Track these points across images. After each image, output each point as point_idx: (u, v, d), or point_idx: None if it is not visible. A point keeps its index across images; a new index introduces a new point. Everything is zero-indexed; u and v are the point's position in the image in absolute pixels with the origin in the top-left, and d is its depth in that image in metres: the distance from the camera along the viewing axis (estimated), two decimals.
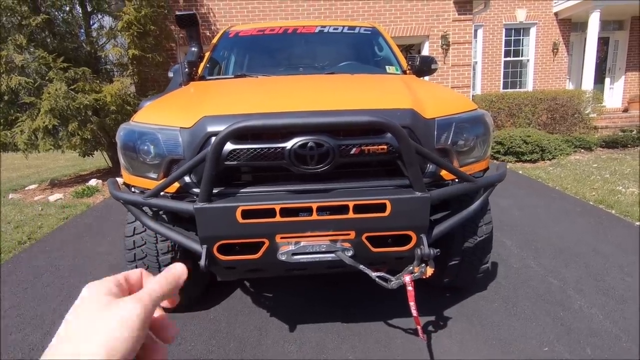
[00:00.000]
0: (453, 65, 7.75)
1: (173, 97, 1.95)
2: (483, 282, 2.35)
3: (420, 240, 1.45)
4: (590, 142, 7.11)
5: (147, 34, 5.93)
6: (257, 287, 2.42)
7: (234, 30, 3.03)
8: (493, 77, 10.25)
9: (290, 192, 1.43)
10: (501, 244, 2.96)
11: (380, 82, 2.10)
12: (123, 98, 5.56)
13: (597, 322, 1.97)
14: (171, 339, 0.38)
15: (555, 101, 7.69)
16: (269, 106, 1.54)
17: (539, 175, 5.34)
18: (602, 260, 2.63)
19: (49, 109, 4.89)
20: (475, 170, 1.66)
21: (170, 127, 1.49)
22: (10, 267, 2.90)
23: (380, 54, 2.89)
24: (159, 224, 1.54)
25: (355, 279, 2.33)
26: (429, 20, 7.53)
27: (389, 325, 1.98)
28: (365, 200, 1.37)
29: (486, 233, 1.94)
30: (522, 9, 9.92)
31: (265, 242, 1.41)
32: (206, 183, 1.32)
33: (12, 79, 4.95)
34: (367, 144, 1.39)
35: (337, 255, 1.42)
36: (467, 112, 1.62)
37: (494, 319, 2.02)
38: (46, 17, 5.25)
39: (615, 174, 5.16)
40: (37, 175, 7.49)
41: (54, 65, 5.08)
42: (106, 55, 6.22)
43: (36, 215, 4.28)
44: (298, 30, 2.92)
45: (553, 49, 10.14)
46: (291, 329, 1.98)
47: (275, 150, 1.37)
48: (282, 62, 2.87)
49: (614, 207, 3.77)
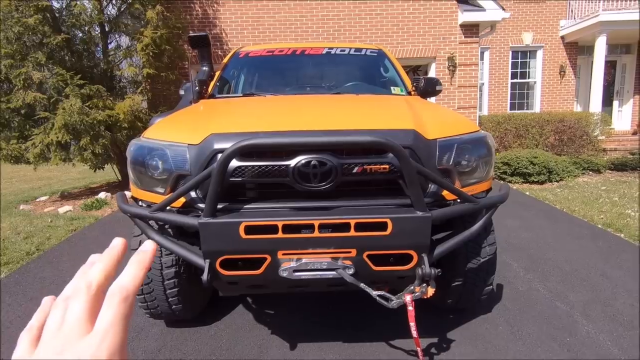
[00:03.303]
0: (460, 86, 7.83)
1: (182, 115, 2.02)
2: (488, 304, 2.31)
3: (421, 260, 1.45)
4: (599, 164, 7.05)
5: (162, 54, 6.13)
6: (259, 304, 2.41)
7: (244, 50, 3.13)
8: (500, 98, 10.31)
9: (293, 209, 1.46)
10: (507, 265, 2.92)
11: (384, 103, 2.15)
12: (135, 114, 5.71)
13: (605, 349, 1.92)
14: None
15: (563, 123, 7.69)
16: (274, 125, 1.59)
17: (546, 196, 5.29)
18: (610, 285, 2.58)
19: (62, 124, 5.04)
20: (477, 191, 1.67)
21: (179, 143, 1.53)
22: (18, 277, 2.94)
23: (386, 75, 2.96)
24: (164, 238, 1.57)
25: (356, 298, 2.31)
26: (436, 42, 7.67)
27: (391, 346, 1.96)
28: (366, 219, 1.39)
29: (490, 254, 1.92)
30: (528, 32, 10.06)
31: (267, 258, 1.43)
32: (211, 198, 1.36)
33: (28, 95, 5.13)
34: (369, 163, 1.42)
35: (338, 273, 1.43)
36: (468, 134, 1.65)
37: (499, 342, 1.98)
38: (66, 37, 5.47)
39: (624, 197, 5.09)
40: (48, 187, 7.64)
41: (70, 82, 5.26)
42: (122, 74, 6.44)
43: (45, 226, 4.34)
44: (306, 51, 3.01)
45: (560, 71, 10.20)
46: (292, 348, 1.96)
47: (279, 167, 1.41)
48: (289, 82, 2.95)
49: (622, 230, 3.71)
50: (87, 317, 0.28)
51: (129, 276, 0.30)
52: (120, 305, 0.29)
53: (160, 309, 1.95)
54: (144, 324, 2.18)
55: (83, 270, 0.31)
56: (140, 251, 0.32)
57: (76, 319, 0.28)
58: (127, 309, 0.29)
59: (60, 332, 0.28)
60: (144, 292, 1.89)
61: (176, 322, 2.16)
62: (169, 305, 1.93)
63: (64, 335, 0.28)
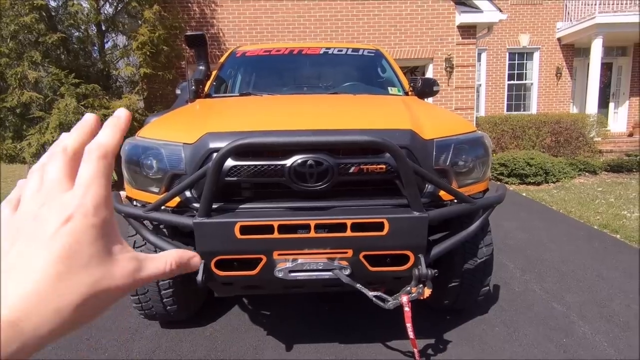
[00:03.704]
0: (457, 87, 7.85)
1: (178, 114, 2.00)
2: (485, 305, 2.31)
3: (418, 261, 1.44)
4: (595, 165, 7.08)
5: (159, 54, 6.10)
6: (255, 305, 2.39)
7: (241, 50, 3.12)
8: (497, 99, 10.34)
9: (289, 209, 1.45)
10: (504, 266, 2.92)
11: (381, 103, 2.14)
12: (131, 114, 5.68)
13: (601, 349, 1.92)
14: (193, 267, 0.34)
15: (559, 124, 7.72)
16: (270, 124, 1.58)
17: (542, 197, 5.30)
18: (607, 286, 2.58)
19: (57, 123, 5.01)
20: (474, 192, 1.67)
21: (174, 142, 1.52)
22: None
23: (383, 75, 2.95)
24: (158, 238, 1.55)
25: (352, 298, 2.30)
26: (433, 43, 7.68)
27: (387, 347, 1.95)
28: (363, 219, 1.38)
29: (487, 255, 1.92)
30: (525, 34, 10.10)
31: (262, 259, 1.42)
32: (206, 198, 1.34)
33: (24, 94, 5.09)
34: (365, 163, 1.41)
35: (334, 274, 1.42)
36: (465, 134, 1.64)
37: (495, 343, 1.98)
38: (62, 36, 5.43)
39: (620, 198, 5.11)
40: None
41: (65, 81, 5.22)
42: (118, 73, 6.40)
43: None
44: (303, 51, 3.00)
45: (556, 73, 10.25)
46: (288, 349, 1.95)
47: (275, 167, 1.39)
48: (286, 82, 2.94)
49: (618, 231, 3.72)
50: (67, 176, 0.27)
51: (106, 135, 0.29)
52: (100, 161, 0.27)
53: (155, 309, 1.93)
54: (138, 325, 2.16)
55: (55, 144, 0.30)
56: (115, 116, 0.30)
57: (56, 178, 0.27)
58: (106, 167, 0.27)
59: (40, 192, 0.27)
60: (138, 292, 1.87)
61: (171, 323, 2.14)
62: (163, 306, 1.91)
63: (45, 193, 0.27)
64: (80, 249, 0.25)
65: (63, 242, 0.24)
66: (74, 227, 0.25)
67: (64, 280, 0.24)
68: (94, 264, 0.25)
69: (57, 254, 0.24)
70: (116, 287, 0.27)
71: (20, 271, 0.24)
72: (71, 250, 0.25)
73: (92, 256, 0.25)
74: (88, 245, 0.25)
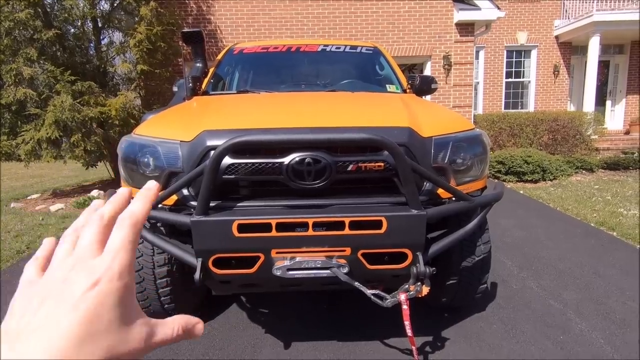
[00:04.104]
0: (455, 85, 7.85)
1: (175, 111, 1.99)
2: (482, 302, 2.31)
3: (416, 259, 1.44)
4: (592, 163, 7.11)
5: (156, 51, 6.05)
6: (253, 302, 2.39)
7: (238, 47, 3.10)
8: (494, 97, 10.36)
9: (287, 207, 1.44)
10: (501, 264, 2.93)
11: (380, 101, 2.13)
12: (128, 111, 5.64)
13: (597, 346, 1.93)
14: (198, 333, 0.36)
15: (557, 122, 7.74)
16: (268, 122, 1.57)
17: (540, 195, 5.32)
18: (603, 283, 2.59)
19: (53, 120, 4.97)
20: (472, 189, 1.67)
21: (171, 140, 1.51)
22: (8, 276, 2.89)
23: (381, 73, 2.94)
24: (155, 236, 1.54)
25: (350, 297, 2.30)
26: (431, 41, 7.67)
27: (385, 344, 1.95)
28: (361, 217, 1.38)
29: (484, 252, 1.92)
30: (523, 32, 10.11)
31: (260, 257, 1.41)
32: (203, 196, 1.33)
33: (19, 91, 5.05)
34: (364, 161, 1.41)
35: (332, 272, 1.42)
36: (464, 132, 1.64)
37: (493, 341, 1.99)
38: (57, 32, 5.39)
39: (616, 196, 5.14)
40: (40, 184, 7.54)
41: (61, 78, 5.18)
42: (115, 70, 6.35)
43: (36, 224, 4.28)
44: (301, 48, 2.99)
45: (554, 71, 10.27)
46: (286, 347, 1.95)
47: (273, 165, 1.39)
48: (284, 79, 2.92)
49: (615, 229, 3.74)
50: (99, 242, 0.29)
51: (138, 206, 0.31)
52: (130, 228, 0.29)
53: (152, 308, 1.92)
54: None
55: (88, 211, 0.32)
56: (145, 188, 0.33)
57: (88, 244, 0.28)
58: (135, 234, 0.29)
59: (72, 256, 0.28)
60: (135, 290, 1.86)
61: None
62: (161, 304, 1.90)
63: (76, 257, 0.28)
64: (103, 313, 0.26)
65: (88, 305, 0.25)
66: (99, 291, 0.26)
67: (86, 343, 0.25)
68: (113, 329, 0.26)
69: (82, 316, 0.25)
70: (129, 352, 0.27)
71: (47, 331, 0.24)
72: (94, 314, 0.25)
73: (111, 321, 0.26)
74: (109, 310, 0.26)
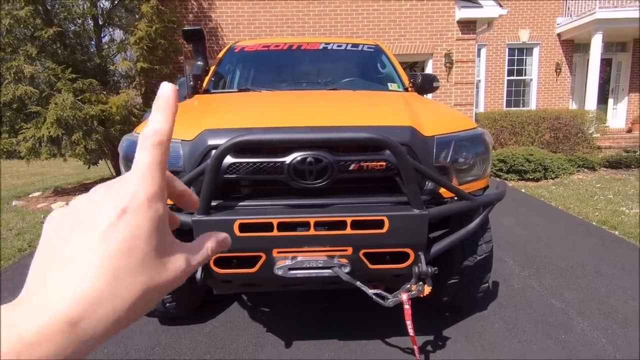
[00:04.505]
0: (456, 83, 7.82)
1: None
2: (484, 302, 2.31)
3: (418, 258, 1.44)
4: (594, 162, 7.09)
5: (156, 48, 6.04)
6: (255, 301, 2.39)
7: (239, 45, 3.09)
8: (496, 95, 10.33)
9: (288, 206, 1.44)
10: (503, 263, 2.92)
11: (381, 99, 2.12)
12: (129, 109, 5.64)
13: (599, 346, 1.93)
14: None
15: (559, 120, 7.71)
16: (269, 121, 1.56)
17: (541, 194, 5.31)
18: (605, 282, 2.59)
19: (54, 119, 4.96)
20: (474, 189, 1.66)
21: (172, 139, 1.50)
22: (10, 274, 2.89)
23: (383, 71, 2.93)
24: None
25: (352, 296, 2.30)
26: (433, 39, 7.64)
27: (387, 344, 1.95)
28: (362, 217, 1.37)
29: (486, 252, 1.91)
30: (525, 29, 10.06)
31: (262, 256, 1.41)
32: (205, 196, 1.33)
33: (19, 89, 5.04)
34: (365, 160, 1.40)
35: (334, 272, 1.41)
36: (466, 131, 1.63)
37: (494, 340, 1.98)
38: (58, 30, 5.38)
39: (618, 195, 5.12)
40: (42, 182, 7.55)
41: (62, 76, 5.17)
42: (116, 68, 6.34)
43: (38, 222, 4.29)
44: (302, 46, 2.97)
45: (556, 69, 10.22)
46: (287, 345, 1.95)
47: (274, 164, 1.38)
48: (285, 78, 2.91)
49: (617, 228, 3.73)
50: None
51: (159, 120, 0.27)
52: (154, 148, 0.26)
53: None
54: (136, 322, 2.16)
55: None
56: (161, 96, 0.28)
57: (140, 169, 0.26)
58: (162, 154, 0.26)
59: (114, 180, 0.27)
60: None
61: (170, 320, 2.14)
62: (162, 303, 1.90)
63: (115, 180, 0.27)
64: (136, 246, 0.24)
65: (118, 238, 0.23)
66: (128, 222, 0.24)
67: (121, 279, 0.23)
68: (149, 261, 0.25)
69: (114, 249, 0.23)
70: (167, 282, 0.26)
71: (77, 266, 0.22)
72: (127, 247, 0.24)
73: (147, 253, 0.24)
74: (144, 242, 0.24)
